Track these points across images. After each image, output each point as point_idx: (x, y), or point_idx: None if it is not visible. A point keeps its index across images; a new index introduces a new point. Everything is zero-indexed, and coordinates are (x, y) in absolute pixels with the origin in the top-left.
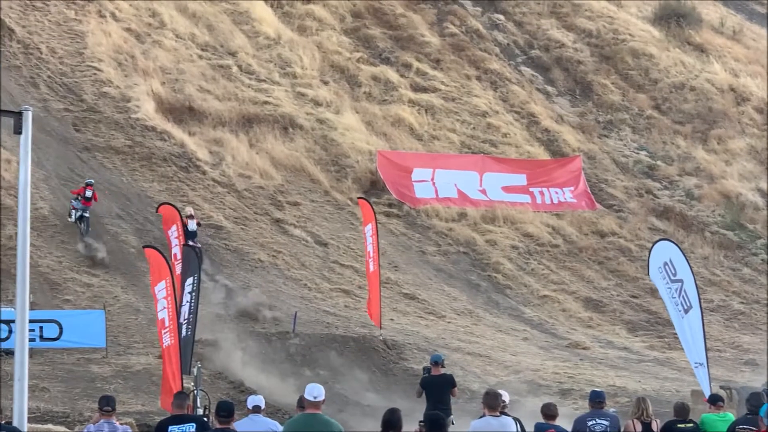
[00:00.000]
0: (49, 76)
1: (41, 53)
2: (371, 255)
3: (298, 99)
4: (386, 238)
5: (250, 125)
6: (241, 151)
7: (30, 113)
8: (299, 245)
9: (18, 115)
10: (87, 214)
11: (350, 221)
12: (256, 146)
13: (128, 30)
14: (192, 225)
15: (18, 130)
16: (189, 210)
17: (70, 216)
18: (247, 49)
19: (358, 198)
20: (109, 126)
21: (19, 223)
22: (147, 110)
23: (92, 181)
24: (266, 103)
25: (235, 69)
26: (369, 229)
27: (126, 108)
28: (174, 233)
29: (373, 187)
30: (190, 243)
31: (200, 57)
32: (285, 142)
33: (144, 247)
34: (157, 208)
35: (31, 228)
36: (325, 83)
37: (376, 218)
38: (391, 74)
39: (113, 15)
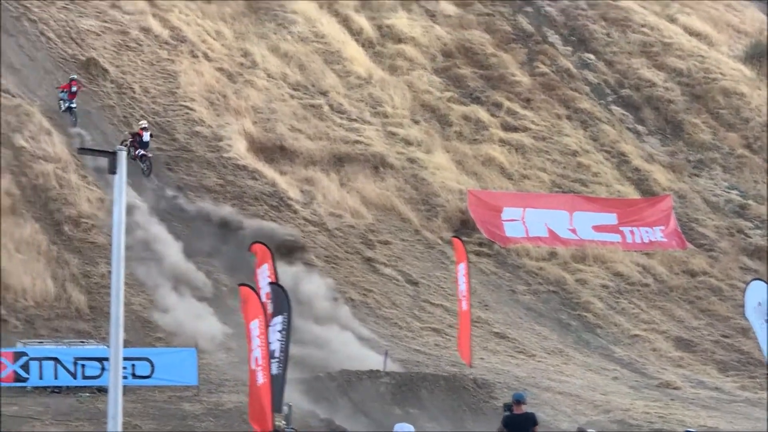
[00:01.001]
0: (142, 116)
1: (134, 93)
2: (463, 294)
3: (389, 138)
4: (477, 277)
5: (341, 164)
6: (332, 190)
7: (124, 153)
8: (390, 284)
9: (112, 155)
10: (74, 106)
11: (441, 260)
12: (347, 185)
13: (220, 70)
14: (146, 136)
15: (112, 170)
16: (144, 123)
17: (59, 107)
18: (339, 88)
19: (452, 237)
20: (202, 165)
21: (113, 261)
22: (239, 149)
23: (75, 76)
24: (357, 142)
25: (326, 108)
26: (462, 267)
27: (218, 147)
28: (265, 272)
29: (463, 226)
30: (142, 152)
31: (292, 96)
32: (376, 181)
33: (239, 285)
34: (250, 247)
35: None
36: (416, 122)
37: (468, 257)
38: (482, 113)
39: (205, 55)
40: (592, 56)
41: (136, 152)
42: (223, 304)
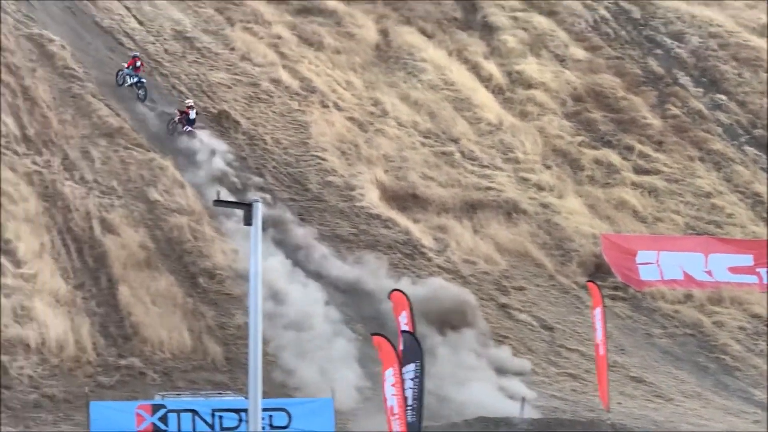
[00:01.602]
0: (274, 167)
1: (266, 144)
2: (600, 338)
3: (521, 184)
4: (612, 321)
5: (474, 211)
6: (466, 237)
7: (260, 205)
8: (525, 330)
9: (248, 207)
10: (144, 80)
11: (575, 305)
12: (480, 232)
13: (351, 119)
14: (192, 114)
15: (248, 222)
16: (190, 101)
17: (122, 83)
18: (470, 135)
19: (587, 281)
20: (334, 215)
21: (250, 312)
22: (371, 198)
23: (137, 53)
24: (489, 188)
25: (457, 155)
26: (597, 312)
27: (350, 196)
28: (404, 319)
29: (597, 271)
30: (189, 129)
31: (423, 144)
32: (509, 227)
33: (372, 335)
34: (389, 295)
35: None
36: (548, 167)
37: (603, 301)
38: (614, 157)
39: (336, 105)
40: (723, 97)
41: (184, 128)
42: (360, 353)
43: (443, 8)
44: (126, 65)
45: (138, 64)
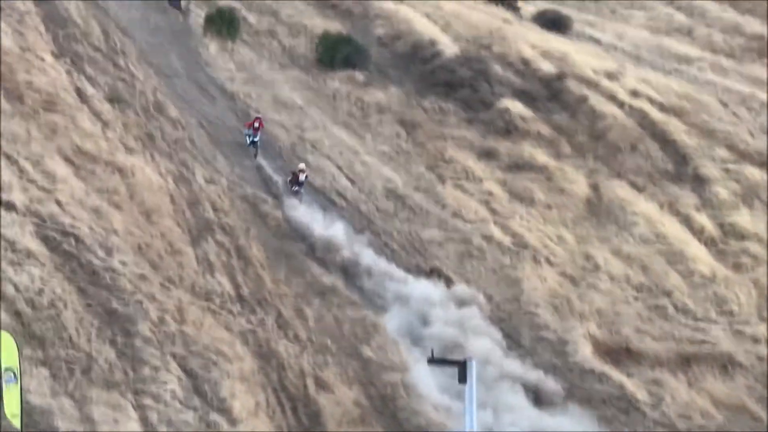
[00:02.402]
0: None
1: (478, 300)
2: None
3: (736, 337)
4: None
5: (689, 364)
6: (681, 391)
7: (474, 363)
8: None
9: (462, 365)
10: (257, 140)
11: None
12: (695, 386)
13: (563, 274)
14: (302, 177)
15: (462, 380)
16: (302, 165)
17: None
18: (683, 288)
19: None
20: (547, 369)
21: None
22: (584, 353)
23: (260, 115)
24: (704, 341)
25: (671, 309)
26: None
27: (563, 352)
28: None
29: None
30: (297, 189)
31: (635, 298)
32: (725, 381)
33: None
34: None
35: None
36: (763, 320)
37: None
38: None
39: (548, 260)
40: None
41: (293, 188)
42: None
43: (654, 162)
44: (246, 125)
45: (256, 125)
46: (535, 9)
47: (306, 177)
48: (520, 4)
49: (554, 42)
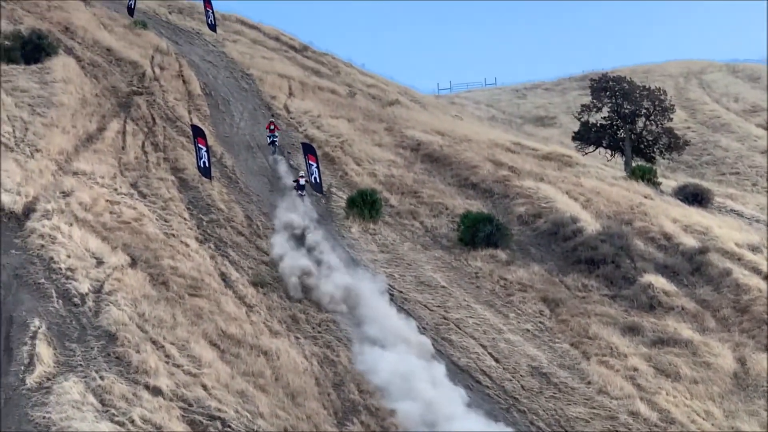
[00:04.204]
0: None
1: None
2: None
3: None
4: None
5: None
6: None
7: None
8: None
9: None
10: (276, 139)
11: None
12: None
13: None
14: (302, 182)
15: None
16: (301, 172)
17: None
18: None
19: None
20: None
21: None
22: None
23: (272, 119)
24: None
25: None
26: None
27: None
28: None
29: None
30: (300, 193)
31: None
32: None
33: None
34: None
35: None
36: None
37: None
38: None
39: None
40: None
41: (297, 191)
42: None
43: None
44: (266, 127)
45: (272, 127)
46: (675, 183)
47: (306, 181)
48: (660, 179)
49: (696, 216)
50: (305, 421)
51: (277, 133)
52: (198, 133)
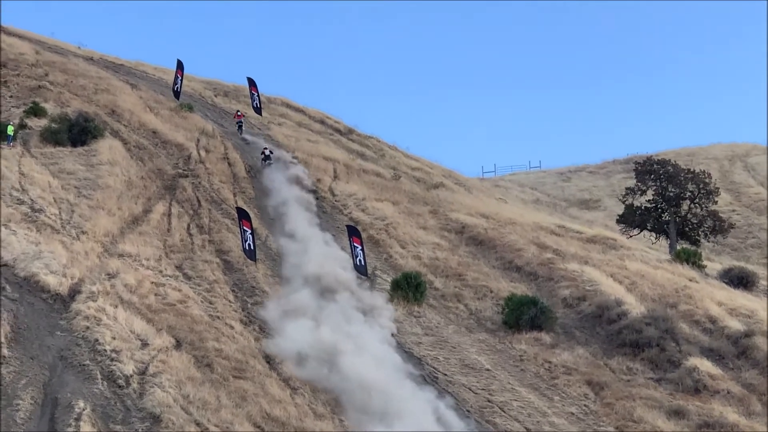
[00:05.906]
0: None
1: None
2: None
3: None
4: None
5: None
6: None
7: None
8: None
9: None
10: (242, 123)
11: None
12: None
13: None
14: (267, 152)
15: None
16: (265, 145)
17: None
18: None
19: None
20: None
21: None
22: None
23: (239, 110)
24: None
25: None
26: None
27: None
28: None
29: None
30: (269, 162)
31: None
32: None
33: None
34: None
35: None
36: None
37: None
38: None
39: None
40: None
41: (266, 162)
42: None
43: None
44: (234, 117)
45: (240, 114)
46: (720, 266)
47: (271, 152)
48: (705, 262)
49: (741, 299)
50: None
51: (242, 120)
52: (243, 216)
